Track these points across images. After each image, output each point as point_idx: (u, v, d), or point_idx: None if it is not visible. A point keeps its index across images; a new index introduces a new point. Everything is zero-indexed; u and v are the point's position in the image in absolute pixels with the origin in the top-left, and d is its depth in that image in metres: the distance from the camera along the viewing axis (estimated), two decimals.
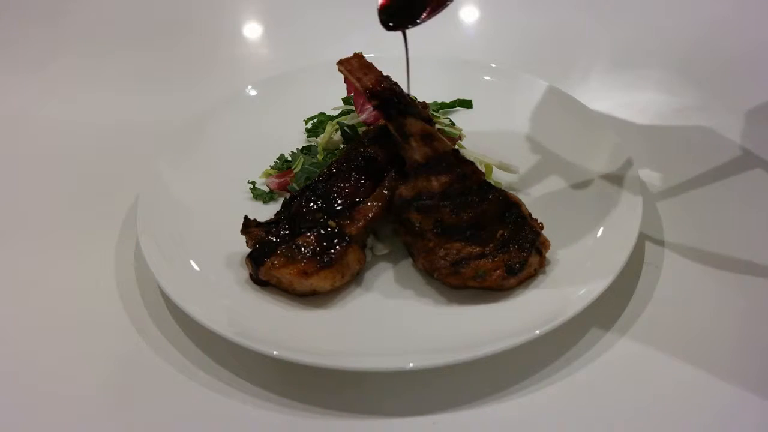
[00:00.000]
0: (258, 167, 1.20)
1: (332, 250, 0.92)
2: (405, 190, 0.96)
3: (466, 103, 1.33)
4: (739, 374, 0.85)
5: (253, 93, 1.35)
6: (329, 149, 1.21)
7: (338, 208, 0.98)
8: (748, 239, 1.04)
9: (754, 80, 1.43)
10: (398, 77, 1.10)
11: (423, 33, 1.01)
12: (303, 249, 0.92)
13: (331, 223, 0.96)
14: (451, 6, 0.96)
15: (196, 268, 0.98)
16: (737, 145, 1.24)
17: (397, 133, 1.00)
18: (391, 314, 0.92)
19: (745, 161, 1.20)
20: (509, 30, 1.74)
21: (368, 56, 1.10)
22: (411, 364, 0.81)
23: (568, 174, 1.11)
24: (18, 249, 1.11)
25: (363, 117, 1.17)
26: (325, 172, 1.03)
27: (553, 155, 1.17)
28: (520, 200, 0.97)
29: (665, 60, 1.51)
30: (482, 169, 1.03)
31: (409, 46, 1.00)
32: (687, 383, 0.85)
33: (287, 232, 0.95)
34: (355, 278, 0.96)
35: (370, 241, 1.01)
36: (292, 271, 0.91)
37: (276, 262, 0.92)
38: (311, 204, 0.99)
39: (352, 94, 1.19)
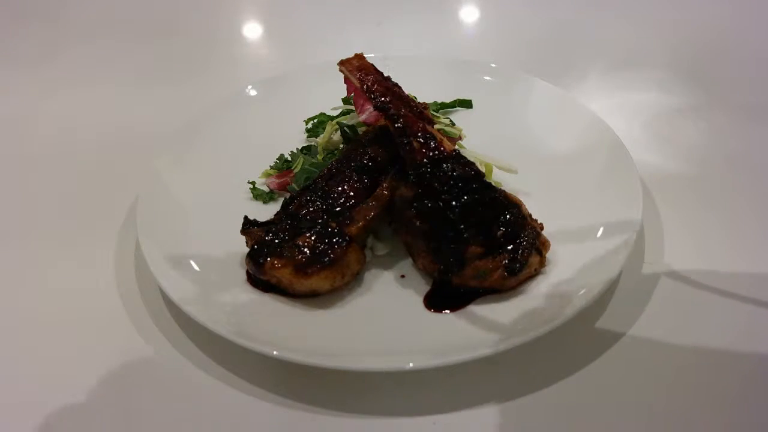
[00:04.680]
0: (258, 167, 1.20)
1: (332, 250, 0.92)
2: (405, 191, 0.96)
3: (466, 103, 1.33)
4: (739, 374, 0.85)
5: (253, 93, 1.35)
6: (329, 149, 1.21)
7: (338, 208, 0.98)
8: (748, 239, 1.04)
9: (754, 80, 1.43)
10: (398, 77, 1.10)
11: (423, 33, 1.01)
12: (303, 249, 0.92)
13: (331, 223, 0.96)
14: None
15: (196, 268, 0.98)
16: (737, 145, 1.24)
17: (397, 134, 1.00)
18: (392, 314, 0.92)
19: (745, 161, 1.20)
20: (509, 30, 1.74)
21: (368, 56, 1.10)
22: (411, 364, 0.81)
23: (568, 174, 1.11)
24: (18, 249, 1.11)
25: (363, 117, 1.17)
26: (325, 172, 1.03)
27: (553, 155, 1.17)
28: (520, 200, 0.97)
29: (665, 60, 1.51)
30: (482, 169, 1.03)
31: (409, 46, 0.99)
32: (687, 383, 0.85)
33: (287, 232, 0.95)
34: (355, 278, 0.96)
35: (370, 241, 1.01)
36: (292, 271, 0.91)
37: (276, 262, 0.92)
38: (311, 204, 0.99)
39: (352, 94, 1.19)
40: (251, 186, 1.16)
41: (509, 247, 0.91)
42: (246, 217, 0.99)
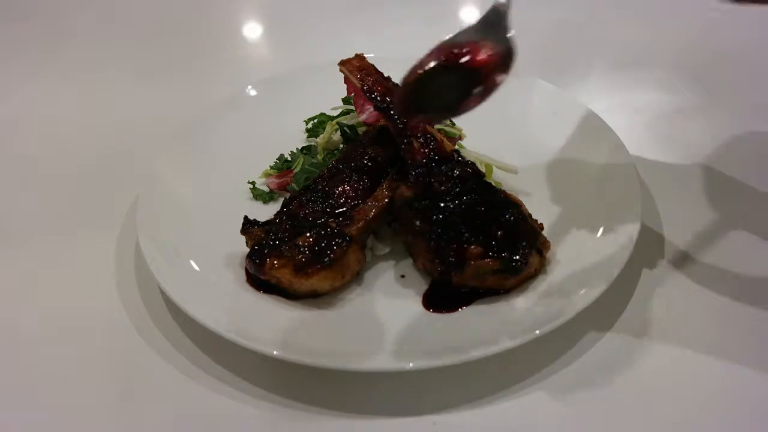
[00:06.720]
0: (258, 167, 1.20)
1: (332, 250, 0.92)
2: (405, 191, 0.96)
3: None
4: (738, 374, 0.85)
5: (253, 93, 1.35)
6: (329, 149, 1.21)
7: (338, 208, 0.98)
8: (748, 239, 1.04)
9: (754, 80, 1.43)
10: (398, 78, 1.10)
11: (424, 33, 1.01)
12: (303, 249, 0.92)
13: (331, 223, 0.96)
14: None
15: (196, 268, 0.98)
16: (737, 145, 1.24)
17: (397, 134, 1.00)
18: (391, 314, 0.92)
19: (745, 161, 1.20)
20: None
21: (369, 57, 1.10)
22: (411, 364, 0.81)
23: (568, 174, 1.11)
24: (18, 249, 1.11)
25: (363, 117, 1.17)
26: (325, 173, 1.03)
27: (553, 155, 1.17)
28: (520, 200, 0.97)
29: (665, 60, 1.51)
30: (482, 169, 1.03)
31: (409, 46, 0.98)
32: (686, 383, 0.85)
33: (287, 232, 0.95)
34: (355, 278, 0.96)
35: (370, 241, 1.01)
36: (292, 271, 0.91)
37: (276, 262, 0.91)
38: (311, 204, 0.99)
39: (353, 94, 1.19)
40: (251, 186, 1.16)
41: (509, 248, 0.91)
42: (246, 217, 0.99)
